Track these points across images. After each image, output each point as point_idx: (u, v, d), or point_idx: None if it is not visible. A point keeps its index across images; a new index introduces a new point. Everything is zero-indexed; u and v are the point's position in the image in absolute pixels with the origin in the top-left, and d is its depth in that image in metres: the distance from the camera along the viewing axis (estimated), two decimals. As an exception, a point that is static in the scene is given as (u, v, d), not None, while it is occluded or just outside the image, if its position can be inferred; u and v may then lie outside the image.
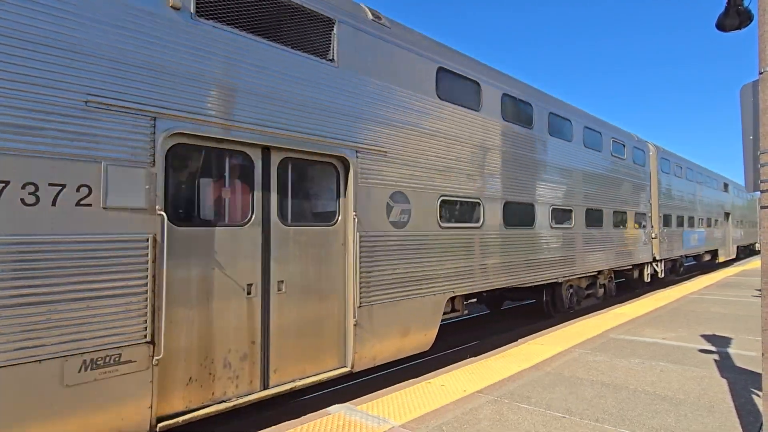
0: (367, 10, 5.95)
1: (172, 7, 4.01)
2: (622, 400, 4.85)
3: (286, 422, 4.46)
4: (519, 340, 7.73)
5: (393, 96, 6.02)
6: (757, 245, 32.78)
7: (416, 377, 6.03)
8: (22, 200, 3.16)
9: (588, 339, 7.56)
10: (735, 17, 3.80)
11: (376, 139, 5.73)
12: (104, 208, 3.50)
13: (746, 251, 33.06)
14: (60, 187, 3.31)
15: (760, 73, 3.41)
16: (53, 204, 3.27)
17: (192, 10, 4.16)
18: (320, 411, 4.70)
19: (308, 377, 5.09)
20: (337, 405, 4.83)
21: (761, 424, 4.08)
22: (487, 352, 7.17)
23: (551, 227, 9.30)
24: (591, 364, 6.15)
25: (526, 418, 4.42)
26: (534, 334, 8.17)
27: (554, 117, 9.71)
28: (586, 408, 4.65)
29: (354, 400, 4.98)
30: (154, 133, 3.81)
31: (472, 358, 6.64)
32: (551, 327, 8.89)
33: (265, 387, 4.73)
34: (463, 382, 5.51)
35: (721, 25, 3.90)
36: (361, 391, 6.15)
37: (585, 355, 6.63)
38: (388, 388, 5.40)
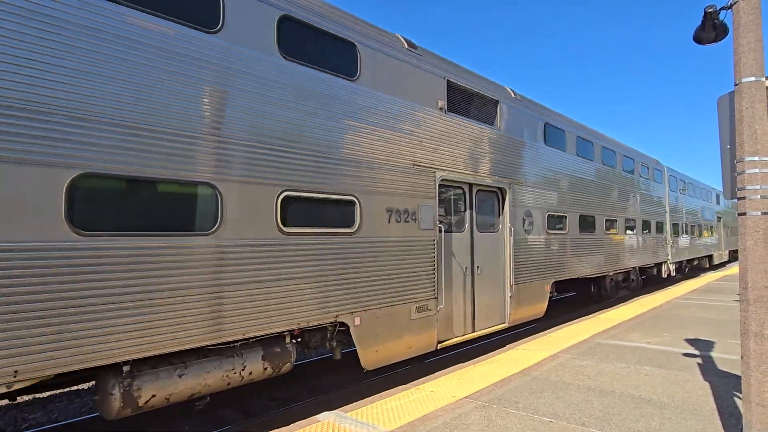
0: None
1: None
2: (608, 404, 4.92)
3: (276, 430, 4.46)
4: (507, 346, 7.80)
5: None
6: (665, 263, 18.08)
7: (406, 383, 6.06)
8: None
9: (574, 344, 7.66)
10: (711, 31, 3.94)
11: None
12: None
13: None
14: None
15: (736, 85, 3.55)
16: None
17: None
18: (310, 418, 4.71)
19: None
20: (326, 412, 4.84)
21: (743, 426, 4.18)
22: (475, 358, 7.22)
23: None
24: (577, 369, 6.23)
25: (514, 422, 4.47)
26: (521, 340, 8.25)
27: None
28: (573, 412, 4.71)
29: (344, 407, 5.00)
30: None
31: (461, 364, 6.69)
32: (538, 333, 8.97)
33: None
34: (452, 387, 5.55)
35: (698, 38, 4.04)
36: (351, 397, 6.16)
37: (571, 360, 6.71)
38: (377, 395, 5.42)
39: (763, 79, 3.45)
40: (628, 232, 14.13)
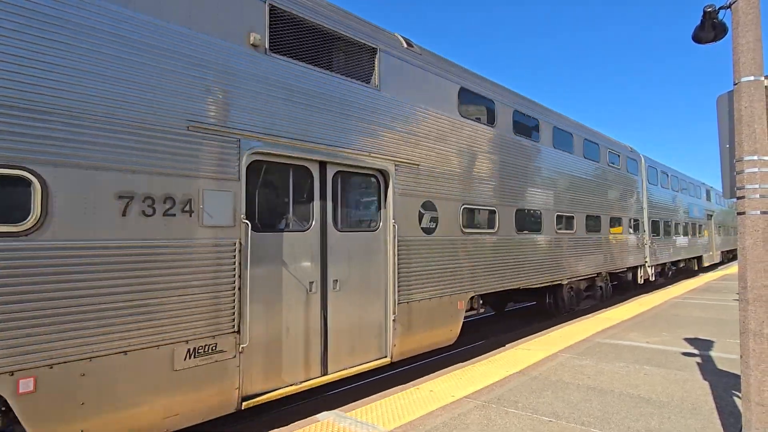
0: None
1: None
2: (607, 404, 4.92)
3: (275, 430, 4.46)
4: (506, 345, 7.81)
5: None
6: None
7: (405, 383, 6.06)
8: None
9: (574, 344, 7.66)
10: (710, 30, 3.94)
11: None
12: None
13: None
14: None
15: (735, 84, 3.55)
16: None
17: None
18: (309, 418, 4.71)
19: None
20: (326, 412, 4.83)
21: (742, 425, 4.18)
22: (475, 357, 7.22)
23: None
24: (577, 369, 6.23)
25: (513, 422, 4.47)
26: (520, 340, 8.25)
27: None
28: (572, 412, 4.71)
29: (343, 407, 4.99)
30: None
31: (461, 364, 6.69)
32: (537, 332, 8.97)
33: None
34: (452, 387, 5.55)
35: (698, 38, 4.04)
36: (351, 397, 6.15)
37: (571, 359, 6.71)
38: (377, 394, 5.42)
39: (762, 78, 3.45)
40: (592, 231, 11.76)
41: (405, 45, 6.73)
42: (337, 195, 5.63)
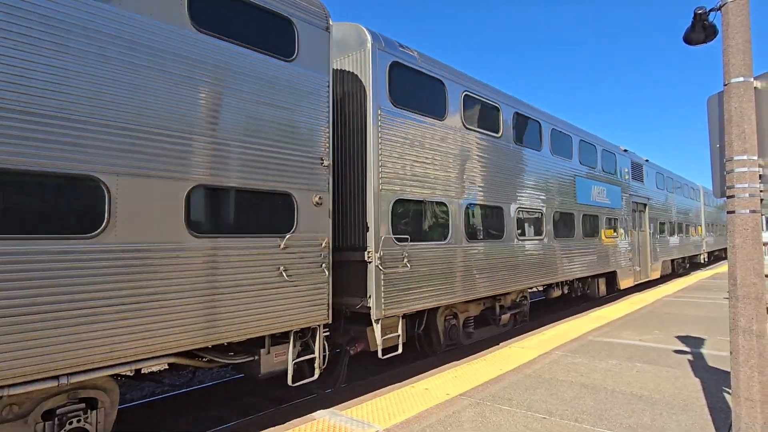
0: None
1: None
2: (600, 401, 4.98)
3: (272, 428, 4.47)
4: (501, 344, 7.85)
5: None
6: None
7: (401, 381, 6.09)
8: None
9: (567, 341, 7.72)
10: (701, 32, 4.00)
11: None
12: None
13: None
14: None
15: (725, 85, 3.60)
16: None
17: None
18: (305, 416, 4.72)
19: None
20: (321, 410, 4.85)
21: (732, 421, 4.25)
22: (469, 356, 7.26)
23: None
24: (570, 366, 6.29)
25: (507, 419, 4.52)
26: (515, 338, 8.30)
27: None
28: (566, 409, 4.76)
29: (339, 405, 5.01)
30: None
31: (455, 362, 6.72)
32: (532, 330, 9.04)
33: None
34: (447, 385, 5.58)
35: (688, 39, 4.11)
36: (346, 395, 6.18)
37: (564, 357, 6.77)
38: (372, 393, 5.44)
39: (752, 79, 3.50)
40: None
41: None
42: None
